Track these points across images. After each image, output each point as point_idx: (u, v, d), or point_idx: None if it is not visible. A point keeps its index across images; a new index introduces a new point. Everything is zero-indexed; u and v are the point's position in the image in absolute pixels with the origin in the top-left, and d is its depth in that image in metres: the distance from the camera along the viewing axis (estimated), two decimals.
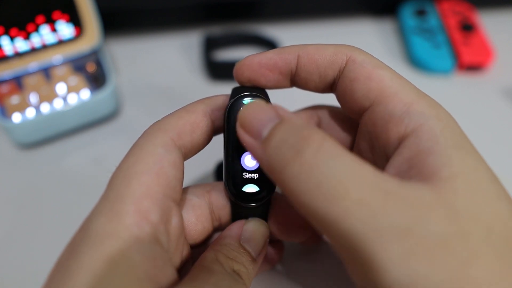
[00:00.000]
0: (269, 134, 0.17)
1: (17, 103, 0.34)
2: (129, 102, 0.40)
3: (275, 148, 0.17)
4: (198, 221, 0.21)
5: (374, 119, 0.20)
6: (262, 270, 0.25)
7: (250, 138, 0.18)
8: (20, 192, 0.32)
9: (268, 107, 0.18)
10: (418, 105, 0.18)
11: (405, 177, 0.17)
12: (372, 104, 0.20)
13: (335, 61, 0.21)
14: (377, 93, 0.19)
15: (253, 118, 0.18)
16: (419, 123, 0.18)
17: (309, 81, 0.22)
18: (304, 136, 0.16)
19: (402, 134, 0.18)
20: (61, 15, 0.36)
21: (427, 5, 0.48)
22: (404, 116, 0.18)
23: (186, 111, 0.21)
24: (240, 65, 0.22)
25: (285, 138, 0.16)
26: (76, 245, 0.16)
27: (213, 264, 0.19)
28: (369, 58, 0.20)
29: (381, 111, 0.19)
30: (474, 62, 0.42)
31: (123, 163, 0.18)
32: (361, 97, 0.20)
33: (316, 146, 0.16)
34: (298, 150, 0.16)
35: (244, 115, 0.18)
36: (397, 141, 0.18)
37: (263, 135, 0.17)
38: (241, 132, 0.18)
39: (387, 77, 0.19)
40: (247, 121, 0.18)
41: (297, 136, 0.16)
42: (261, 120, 0.17)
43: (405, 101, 0.19)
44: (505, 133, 0.38)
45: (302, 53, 0.21)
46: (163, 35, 0.47)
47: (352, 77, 0.20)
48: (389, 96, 0.19)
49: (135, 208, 0.17)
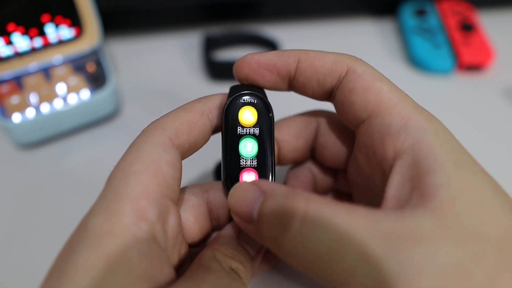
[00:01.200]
0: (258, 216, 0.18)
1: (17, 103, 0.34)
2: (129, 102, 0.40)
3: (266, 228, 0.17)
4: (196, 220, 0.21)
5: (371, 131, 0.19)
6: (261, 270, 0.25)
7: (245, 223, 0.19)
8: (20, 192, 0.32)
9: (251, 188, 0.19)
10: (416, 120, 0.18)
11: (405, 198, 0.17)
12: (369, 116, 0.19)
13: (335, 70, 0.21)
14: (375, 105, 0.19)
15: (241, 203, 0.19)
16: (417, 139, 0.18)
17: (307, 86, 0.22)
18: (287, 208, 0.17)
19: (398, 149, 0.18)
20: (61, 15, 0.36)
21: (427, 5, 0.48)
22: (401, 130, 0.18)
23: (184, 110, 0.21)
24: (240, 62, 0.22)
25: (271, 217, 0.17)
26: (74, 244, 0.16)
27: (211, 262, 0.19)
28: (370, 70, 0.20)
29: (378, 124, 0.19)
30: (474, 62, 0.42)
31: (121, 162, 0.18)
32: (358, 108, 0.20)
33: (301, 217, 0.16)
34: (285, 227, 0.16)
35: (232, 203, 0.19)
36: (393, 155, 0.18)
37: (254, 218, 0.18)
38: (236, 219, 0.19)
39: (385, 90, 0.19)
40: (236, 208, 0.19)
41: (282, 212, 0.17)
42: (248, 203, 0.18)
43: (403, 115, 0.18)
44: (505, 133, 0.38)
45: (302, 57, 0.21)
46: (163, 35, 0.47)
47: (351, 88, 0.20)
48: (387, 109, 0.19)
49: (132, 207, 0.17)
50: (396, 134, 0.18)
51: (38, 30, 0.35)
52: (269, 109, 0.22)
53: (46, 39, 0.36)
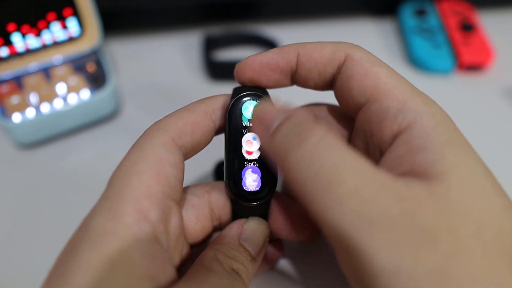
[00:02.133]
0: (278, 125, 0.18)
1: (17, 103, 0.34)
2: (129, 102, 0.40)
3: (282, 137, 0.18)
4: (198, 221, 0.21)
5: (369, 116, 0.20)
6: (262, 270, 0.25)
7: (262, 128, 0.19)
8: (20, 192, 0.32)
9: (281, 105, 0.20)
10: (413, 103, 0.18)
11: (397, 174, 0.17)
12: (367, 101, 0.20)
13: (334, 59, 0.21)
14: (373, 90, 0.19)
15: (267, 111, 0.19)
16: (412, 120, 0.18)
17: (309, 79, 0.22)
18: (309, 128, 0.17)
19: (396, 131, 0.18)
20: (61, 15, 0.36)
21: (427, 5, 0.48)
22: (398, 113, 0.18)
23: (187, 110, 0.21)
24: (242, 65, 0.22)
25: (291, 128, 0.18)
26: (76, 244, 0.16)
27: (212, 263, 0.19)
28: (367, 56, 0.20)
29: (376, 108, 0.19)
30: (474, 62, 0.42)
31: (123, 162, 0.18)
32: (357, 94, 0.20)
33: (319, 137, 0.17)
34: (301, 139, 0.17)
35: (259, 108, 0.20)
36: (391, 138, 0.18)
37: (273, 126, 0.18)
38: (255, 122, 0.20)
39: (382, 74, 0.20)
40: (261, 113, 0.20)
41: (302, 127, 0.18)
42: (273, 113, 0.19)
43: (400, 99, 0.19)
44: (505, 133, 0.38)
45: (301, 51, 0.21)
46: (163, 35, 0.47)
47: (349, 74, 0.20)
48: (384, 94, 0.19)
49: (135, 207, 0.17)
50: (393, 117, 0.19)
51: (38, 30, 0.35)
52: None
53: (46, 39, 0.36)
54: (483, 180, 0.17)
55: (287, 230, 0.22)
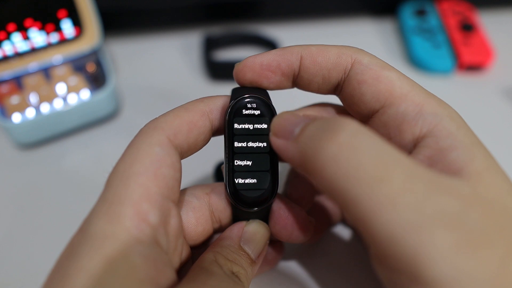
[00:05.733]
0: (302, 128, 0.17)
1: (17, 103, 0.34)
2: (129, 102, 0.40)
3: (309, 135, 0.17)
4: (198, 223, 0.21)
5: (386, 120, 0.19)
6: (261, 271, 0.25)
7: (282, 140, 0.18)
8: (20, 192, 0.32)
9: (300, 114, 0.19)
10: (430, 106, 0.19)
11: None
12: (383, 106, 0.20)
13: (339, 63, 0.21)
14: (387, 95, 0.19)
15: (285, 121, 0.18)
16: (434, 123, 0.18)
17: (312, 82, 0.22)
18: (339, 121, 0.16)
19: (417, 135, 0.18)
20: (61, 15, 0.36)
21: (427, 5, 0.48)
22: (417, 117, 0.18)
23: (184, 109, 0.20)
24: (242, 66, 0.21)
25: (319, 125, 0.17)
26: (75, 247, 0.16)
27: (212, 265, 0.18)
28: (375, 60, 0.20)
29: (393, 113, 0.19)
30: (474, 62, 0.42)
31: (119, 163, 0.18)
32: (370, 99, 0.20)
33: (353, 129, 0.16)
34: (333, 132, 0.16)
35: (276, 122, 0.19)
36: (412, 142, 0.18)
37: (296, 131, 0.18)
38: (273, 138, 0.19)
39: (395, 78, 0.19)
40: (278, 126, 0.19)
41: (331, 122, 0.16)
42: (293, 122, 0.18)
43: (416, 102, 0.19)
44: (505, 133, 0.38)
45: (304, 54, 0.21)
46: (163, 35, 0.47)
47: (360, 80, 0.20)
48: (400, 98, 0.19)
49: (134, 210, 0.16)
50: (412, 120, 0.18)
51: (38, 30, 0.35)
52: (273, 112, 0.21)
53: (46, 39, 0.36)
54: (506, 180, 0.17)
55: (287, 232, 0.22)
